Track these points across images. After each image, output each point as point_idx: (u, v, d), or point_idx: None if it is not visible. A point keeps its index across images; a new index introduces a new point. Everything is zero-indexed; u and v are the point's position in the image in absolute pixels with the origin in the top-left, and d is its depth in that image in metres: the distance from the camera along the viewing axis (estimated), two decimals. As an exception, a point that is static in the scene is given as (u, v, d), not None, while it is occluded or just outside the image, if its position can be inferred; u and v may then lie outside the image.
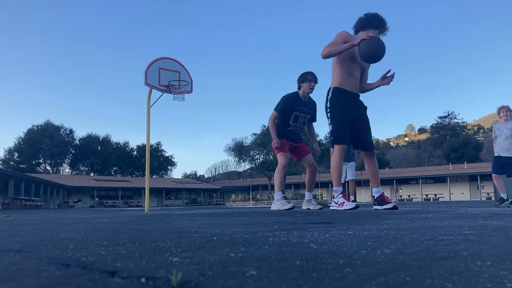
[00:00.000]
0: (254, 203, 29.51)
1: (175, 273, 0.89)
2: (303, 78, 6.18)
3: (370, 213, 4.58)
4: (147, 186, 8.95)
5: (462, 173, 45.60)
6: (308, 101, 6.36)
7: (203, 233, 2.08)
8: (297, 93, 6.29)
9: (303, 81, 6.17)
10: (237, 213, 5.61)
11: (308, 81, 6.10)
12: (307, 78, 6.13)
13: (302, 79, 6.18)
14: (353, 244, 1.47)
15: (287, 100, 6.24)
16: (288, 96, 6.31)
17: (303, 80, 6.18)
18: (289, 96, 6.29)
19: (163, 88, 8.84)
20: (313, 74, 6.19)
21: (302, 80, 6.19)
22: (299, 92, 6.26)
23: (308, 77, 6.13)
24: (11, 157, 60.73)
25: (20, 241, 1.79)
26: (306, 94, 6.24)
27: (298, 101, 6.23)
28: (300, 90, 6.23)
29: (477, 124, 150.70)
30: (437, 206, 9.25)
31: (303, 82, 6.17)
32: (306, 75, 6.15)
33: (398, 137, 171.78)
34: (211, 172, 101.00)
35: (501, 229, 2.08)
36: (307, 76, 6.14)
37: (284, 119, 6.32)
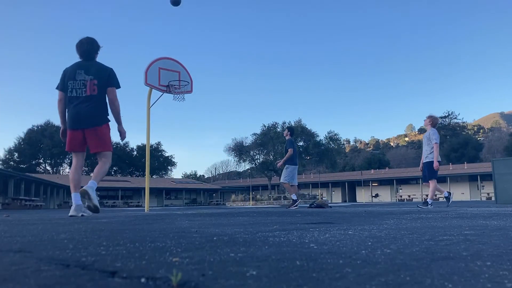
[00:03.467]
0: (254, 203, 29.50)
1: (175, 273, 0.89)
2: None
3: (370, 213, 4.58)
4: (147, 186, 8.95)
5: (462, 173, 45.59)
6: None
7: (203, 233, 2.08)
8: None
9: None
10: (237, 213, 5.61)
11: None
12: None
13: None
14: (353, 244, 1.47)
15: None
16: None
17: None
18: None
19: (163, 88, 8.83)
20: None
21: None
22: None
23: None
24: (11, 157, 60.73)
25: (20, 241, 1.79)
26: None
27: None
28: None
29: (477, 124, 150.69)
30: (437, 206, 9.25)
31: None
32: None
33: (398, 137, 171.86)
34: (211, 172, 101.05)
35: (501, 229, 2.08)
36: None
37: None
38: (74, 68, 4.62)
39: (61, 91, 4.65)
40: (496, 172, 11.04)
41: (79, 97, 4.54)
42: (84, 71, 4.58)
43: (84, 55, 4.66)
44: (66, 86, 4.59)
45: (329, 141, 42.38)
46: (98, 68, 4.66)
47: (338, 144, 44.52)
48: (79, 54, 4.68)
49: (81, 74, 4.57)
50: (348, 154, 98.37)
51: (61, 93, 4.65)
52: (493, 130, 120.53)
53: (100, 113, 4.63)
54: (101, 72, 4.64)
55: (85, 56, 4.68)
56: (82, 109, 4.52)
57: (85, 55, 4.66)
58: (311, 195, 35.42)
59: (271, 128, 42.01)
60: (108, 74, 4.66)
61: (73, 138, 4.63)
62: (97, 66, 4.68)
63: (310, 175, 58.28)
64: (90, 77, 4.55)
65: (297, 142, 41.46)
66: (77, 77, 4.56)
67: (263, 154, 44.43)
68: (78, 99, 4.54)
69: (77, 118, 4.53)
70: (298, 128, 41.00)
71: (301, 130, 40.96)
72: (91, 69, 4.60)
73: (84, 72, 4.57)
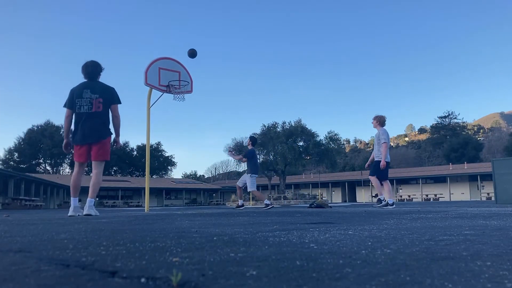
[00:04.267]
0: (254, 203, 29.50)
1: (175, 273, 0.89)
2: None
3: (370, 213, 4.58)
4: (147, 186, 8.94)
5: (462, 173, 45.54)
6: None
7: (203, 233, 2.08)
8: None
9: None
10: (237, 213, 5.61)
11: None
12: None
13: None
14: (353, 244, 1.47)
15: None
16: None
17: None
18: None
19: (163, 88, 8.83)
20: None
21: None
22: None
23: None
24: (11, 157, 60.69)
25: (20, 241, 1.79)
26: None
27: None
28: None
29: (477, 124, 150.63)
30: (437, 206, 9.25)
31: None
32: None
33: (398, 137, 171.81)
34: (211, 172, 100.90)
35: (501, 229, 2.08)
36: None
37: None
38: (80, 88, 5.06)
39: (69, 108, 5.06)
40: (496, 172, 11.04)
41: (86, 113, 4.97)
42: (90, 90, 5.02)
43: (89, 76, 5.13)
44: (74, 103, 5.01)
45: (329, 141, 42.33)
46: (102, 87, 5.11)
47: (338, 144, 44.45)
48: (84, 75, 5.15)
49: (87, 93, 5.00)
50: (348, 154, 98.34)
51: (69, 111, 5.07)
52: (493, 130, 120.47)
53: (104, 127, 5.09)
54: (105, 91, 5.09)
55: (90, 77, 5.14)
56: (90, 126, 4.97)
57: (90, 76, 5.13)
58: (311, 195, 35.44)
59: (271, 128, 41.97)
60: (111, 92, 5.13)
61: (80, 151, 5.08)
62: (101, 86, 5.14)
63: (310, 175, 58.26)
64: (95, 96, 5.00)
65: (297, 142, 41.44)
66: (84, 95, 4.99)
67: (263, 154, 44.41)
68: (85, 115, 4.97)
69: (85, 134, 4.97)
70: (298, 128, 40.97)
71: (301, 130, 40.91)
72: (96, 88, 5.04)
73: (90, 91, 5.02)
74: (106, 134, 5.10)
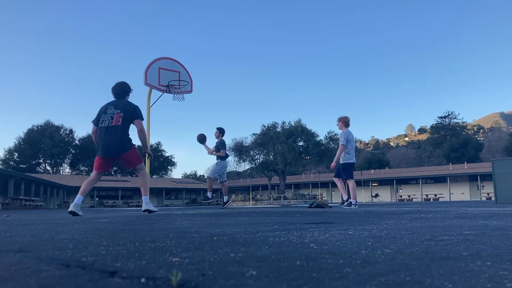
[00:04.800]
0: (254, 203, 29.50)
1: (175, 273, 0.89)
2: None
3: (370, 213, 4.58)
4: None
5: (462, 173, 45.55)
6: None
7: (203, 233, 2.08)
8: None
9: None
10: (237, 213, 5.61)
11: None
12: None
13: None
14: (353, 244, 1.47)
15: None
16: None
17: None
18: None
19: (163, 88, 8.83)
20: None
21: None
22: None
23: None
24: (11, 157, 60.70)
25: (20, 241, 1.79)
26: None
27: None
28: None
29: (477, 124, 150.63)
30: (437, 206, 9.25)
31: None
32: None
33: (398, 137, 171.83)
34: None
35: (501, 229, 2.08)
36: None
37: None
38: (107, 105, 5.51)
39: (95, 124, 5.50)
40: (496, 172, 11.04)
41: (106, 127, 5.35)
42: (114, 106, 5.45)
43: (117, 95, 5.60)
44: (98, 118, 5.44)
45: (329, 141, 42.33)
46: (125, 104, 5.50)
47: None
48: (113, 94, 5.61)
49: (111, 109, 5.43)
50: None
51: (94, 127, 5.51)
52: (493, 130, 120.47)
53: (125, 141, 5.44)
54: (127, 107, 5.45)
55: (117, 96, 5.59)
56: (110, 140, 5.33)
57: (117, 95, 5.59)
58: (311, 195, 35.43)
59: (271, 128, 41.98)
60: (133, 109, 5.46)
61: (102, 163, 5.46)
62: (125, 103, 5.53)
63: (310, 175, 58.26)
64: (117, 111, 5.39)
65: (297, 142, 41.42)
66: (108, 111, 5.43)
67: (263, 154, 44.40)
68: (105, 129, 5.35)
69: (106, 148, 5.34)
70: (298, 128, 40.96)
71: (301, 130, 40.92)
72: (120, 105, 5.46)
73: (114, 107, 5.44)
74: (128, 147, 5.45)
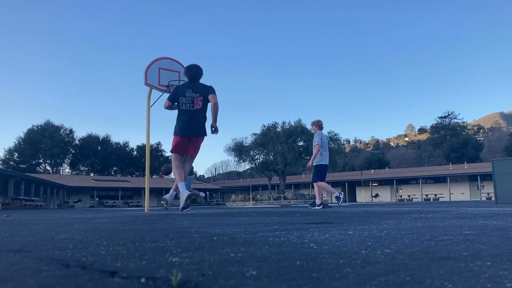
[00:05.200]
0: (254, 203, 29.50)
1: (175, 273, 0.89)
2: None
3: (370, 213, 4.59)
4: (147, 186, 8.94)
5: (462, 173, 45.52)
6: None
7: (203, 233, 2.08)
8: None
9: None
10: (237, 213, 5.61)
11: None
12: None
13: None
14: (353, 244, 1.47)
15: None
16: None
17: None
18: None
19: (163, 88, 8.82)
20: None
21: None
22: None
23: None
24: (11, 157, 60.66)
25: (20, 241, 1.79)
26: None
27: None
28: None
29: (477, 124, 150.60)
30: (437, 206, 9.25)
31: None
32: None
33: (398, 137, 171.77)
34: (211, 172, 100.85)
35: (501, 229, 2.08)
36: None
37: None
38: (184, 87, 5.70)
39: (169, 100, 5.73)
40: (496, 172, 11.04)
41: (188, 111, 5.57)
42: (192, 90, 5.63)
43: (192, 77, 5.79)
44: (177, 100, 5.62)
45: (329, 141, 42.39)
46: (202, 87, 5.71)
47: (338, 144, 44.48)
48: (188, 76, 5.83)
49: (189, 92, 5.60)
50: (348, 154, 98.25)
51: (168, 102, 5.73)
52: (493, 130, 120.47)
53: (204, 125, 5.71)
54: (204, 90, 5.66)
55: (192, 78, 5.79)
56: (192, 121, 5.58)
57: (192, 77, 5.79)
58: (311, 195, 35.42)
59: (271, 128, 41.97)
60: (209, 89, 5.68)
61: (181, 143, 5.68)
62: (201, 86, 5.74)
63: (310, 175, 58.27)
64: (197, 95, 5.60)
65: (297, 142, 41.43)
66: (186, 94, 5.59)
67: (263, 154, 44.41)
68: (188, 112, 5.57)
69: (188, 129, 5.60)
70: (298, 128, 40.97)
71: (301, 130, 40.92)
72: (198, 88, 5.66)
73: (192, 91, 5.62)
74: (204, 133, 5.70)
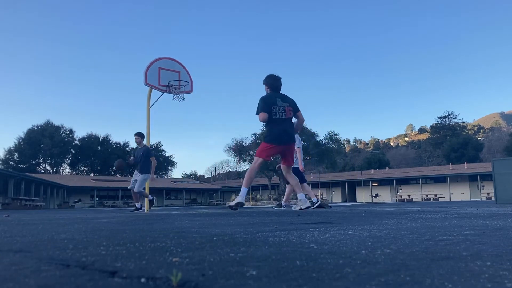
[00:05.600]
0: (254, 203, 29.50)
1: (175, 273, 0.89)
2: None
3: (370, 213, 4.59)
4: (147, 186, 8.95)
5: (462, 173, 45.52)
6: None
7: (203, 233, 2.08)
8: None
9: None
10: (237, 213, 5.61)
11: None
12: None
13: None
14: (353, 244, 1.47)
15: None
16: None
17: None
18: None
19: (163, 88, 8.83)
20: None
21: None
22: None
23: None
24: (11, 157, 60.65)
25: (20, 241, 1.79)
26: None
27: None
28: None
29: (477, 124, 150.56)
30: (437, 206, 9.25)
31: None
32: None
33: (398, 137, 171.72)
34: (211, 172, 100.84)
35: (501, 229, 2.08)
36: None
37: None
38: (272, 97, 5.94)
39: (266, 112, 5.85)
40: (496, 172, 11.03)
41: (283, 119, 5.83)
42: (281, 99, 5.94)
43: (278, 88, 6.10)
44: (270, 109, 5.80)
45: (329, 141, 42.39)
46: (289, 98, 6.08)
47: (338, 144, 44.50)
48: (273, 86, 6.07)
49: (279, 102, 5.89)
50: (348, 154, 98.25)
51: (266, 114, 5.83)
52: (493, 130, 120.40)
53: (294, 132, 6.09)
54: (291, 101, 6.05)
55: (278, 89, 6.10)
56: (288, 129, 5.89)
57: (278, 88, 6.11)
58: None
59: (271, 128, 41.94)
60: (293, 101, 6.06)
61: (274, 150, 5.96)
62: (288, 97, 6.10)
63: (310, 175, 58.23)
64: (286, 104, 5.92)
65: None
66: (278, 104, 5.86)
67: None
68: (282, 121, 5.83)
69: (286, 137, 5.87)
70: (298, 128, 40.90)
71: (301, 130, 40.93)
72: (286, 98, 6.01)
73: (281, 100, 5.93)
74: (294, 139, 6.06)
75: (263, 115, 5.78)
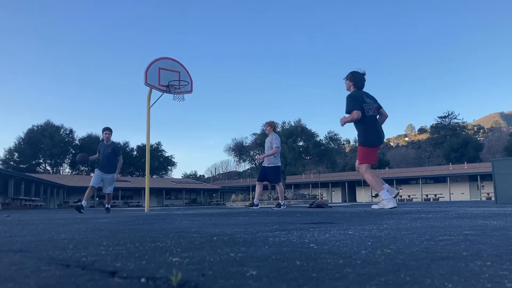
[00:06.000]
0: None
1: (175, 273, 0.89)
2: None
3: (370, 213, 4.58)
4: (147, 186, 8.95)
5: (462, 173, 45.49)
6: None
7: (203, 233, 2.08)
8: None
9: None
10: (237, 213, 5.61)
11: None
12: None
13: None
14: (353, 244, 1.47)
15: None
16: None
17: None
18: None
19: (163, 88, 8.83)
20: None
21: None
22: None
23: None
24: (11, 157, 60.65)
25: (20, 241, 1.79)
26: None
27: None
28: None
29: (477, 124, 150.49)
30: (437, 206, 9.25)
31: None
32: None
33: (398, 137, 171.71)
34: (211, 172, 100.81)
35: (501, 229, 2.08)
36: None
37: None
38: (360, 94, 5.91)
39: (360, 110, 5.81)
40: (496, 172, 11.03)
41: (374, 116, 5.81)
42: (367, 96, 5.93)
43: (363, 85, 6.08)
44: (362, 107, 5.77)
45: (329, 141, 42.36)
46: (370, 94, 6.06)
47: (338, 144, 44.49)
48: (360, 84, 6.05)
49: (366, 99, 5.88)
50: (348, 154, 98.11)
51: (359, 111, 5.78)
52: (493, 130, 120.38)
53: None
54: (373, 97, 6.03)
55: (363, 86, 6.07)
56: (379, 127, 5.87)
57: (363, 85, 6.08)
58: (311, 195, 35.42)
59: (271, 128, 41.90)
60: (375, 98, 6.06)
61: (376, 151, 5.97)
62: (369, 94, 6.07)
63: (310, 175, 58.23)
64: (372, 101, 5.91)
65: (297, 142, 41.39)
66: (367, 101, 5.85)
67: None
68: (374, 118, 5.81)
69: (381, 135, 5.84)
70: (298, 128, 40.94)
71: (301, 130, 40.90)
72: (368, 95, 6.00)
73: (367, 97, 5.93)
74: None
75: (358, 113, 5.68)
